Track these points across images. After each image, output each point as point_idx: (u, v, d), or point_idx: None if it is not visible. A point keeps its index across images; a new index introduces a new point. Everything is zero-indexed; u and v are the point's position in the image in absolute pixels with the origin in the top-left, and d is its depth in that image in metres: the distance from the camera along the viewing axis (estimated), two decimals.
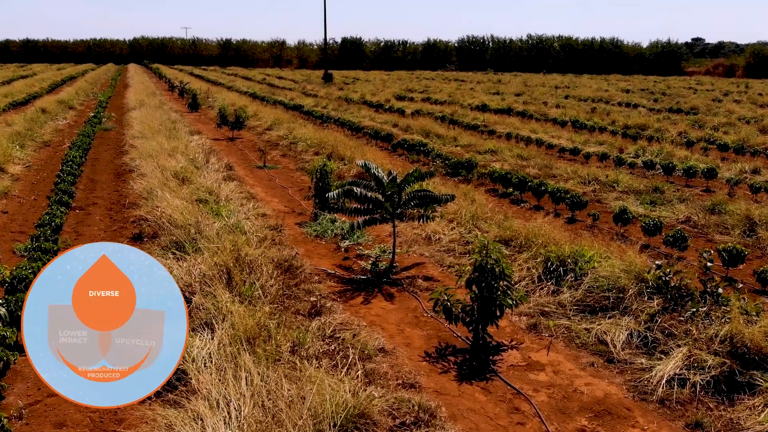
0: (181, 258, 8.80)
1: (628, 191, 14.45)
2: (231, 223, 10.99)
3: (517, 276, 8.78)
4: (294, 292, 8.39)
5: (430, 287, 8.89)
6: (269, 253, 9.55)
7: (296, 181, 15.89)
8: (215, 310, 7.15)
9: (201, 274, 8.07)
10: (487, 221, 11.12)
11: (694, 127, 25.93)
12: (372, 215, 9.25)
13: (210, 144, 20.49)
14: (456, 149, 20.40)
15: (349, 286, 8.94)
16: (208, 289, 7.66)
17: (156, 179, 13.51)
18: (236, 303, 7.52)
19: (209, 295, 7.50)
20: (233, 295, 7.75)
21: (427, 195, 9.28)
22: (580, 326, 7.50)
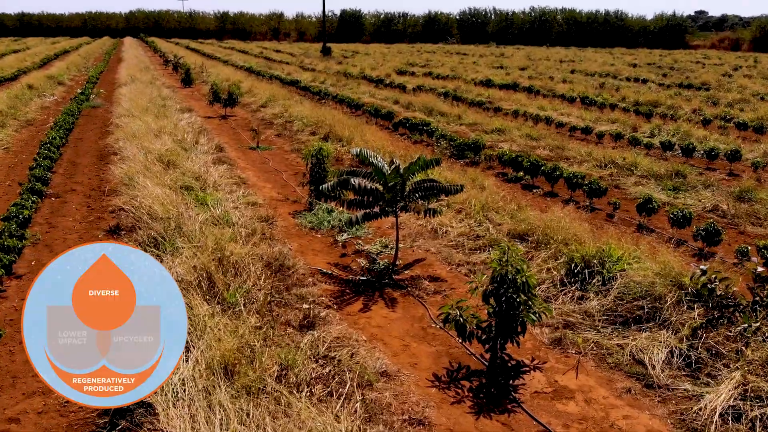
0: (157, 258, 7.80)
1: (648, 175, 13.43)
2: (217, 214, 10.00)
3: (536, 278, 7.80)
4: (284, 298, 7.43)
5: (437, 290, 7.93)
6: (258, 250, 8.57)
7: (291, 163, 14.86)
8: (191, 326, 6.18)
9: (178, 279, 7.09)
10: (498, 212, 10.12)
11: (708, 104, 24.81)
12: (371, 208, 8.24)
13: (201, 122, 19.41)
14: (461, 128, 19.34)
15: (346, 289, 7.97)
16: (185, 299, 6.66)
17: (138, 164, 12.49)
18: (218, 314, 6.58)
19: (186, 306, 6.51)
20: (214, 304, 6.80)
21: (434, 185, 8.27)
22: (612, 341, 6.54)
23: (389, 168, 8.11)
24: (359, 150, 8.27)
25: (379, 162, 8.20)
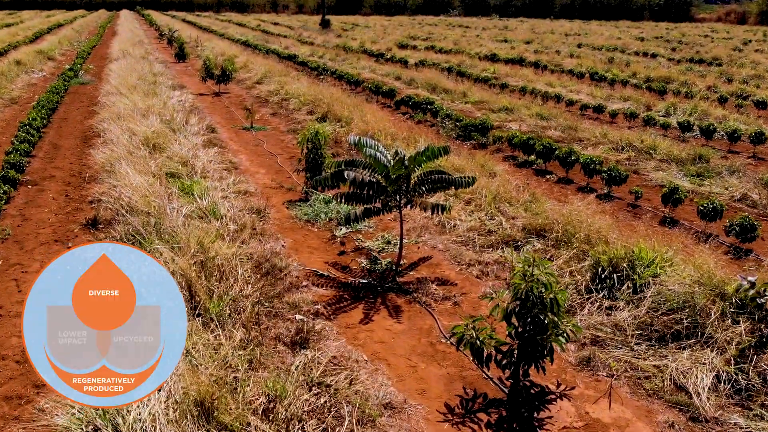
0: None
1: (668, 159, 12.54)
2: (204, 205, 9.15)
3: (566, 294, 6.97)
4: (275, 307, 6.60)
5: (446, 295, 7.10)
6: (247, 249, 7.75)
7: (287, 146, 13.96)
8: None
9: None
10: (512, 203, 9.26)
11: (722, 80, 23.81)
12: (372, 203, 7.38)
13: (193, 100, 18.46)
14: (466, 106, 18.40)
15: (345, 294, 7.14)
16: None
17: (122, 148, 11.60)
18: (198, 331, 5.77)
19: None
20: (193, 319, 5.99)
21: (442, 178, 7.39)
22: (648, 362, 5.73)
23: (392, 158, 7.23)
24: (358, 138, 7.39)
25: (381, 152, 7.33)
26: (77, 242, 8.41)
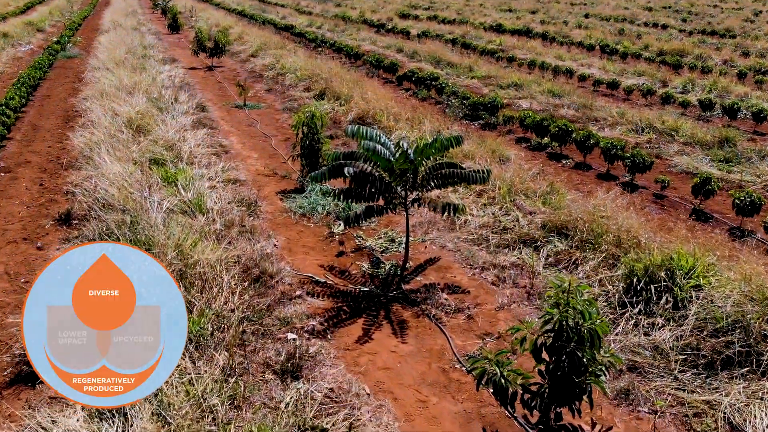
0: None
1: (692, 142, 11.64)
2: (188, 198, 8.29)
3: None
4: (264, 324, 5.78)
5: (458, 306, 6.28)
6: (234, 251, 6.91)
7: (282, 126, 13.04)
8: None
9: None
10: (528, 195, 8.40)
11: (738, 53, 22.76)
12: (375, 201, 6.52)
13: (183, 75, 17.47)
14: (472, 81, 17.43)
15: (344, 305, 6.32)
16: None
17: (102, 131, 10.71)
18: None
19: None
20: None
21: (453, 173, 6.52)
22: (696, 395, 4.92)
23: (396, 151, 6.36)
24: (357, 128, 6.51)
25: (383, 143, 6.46)
26: (47, 241, 7.57)
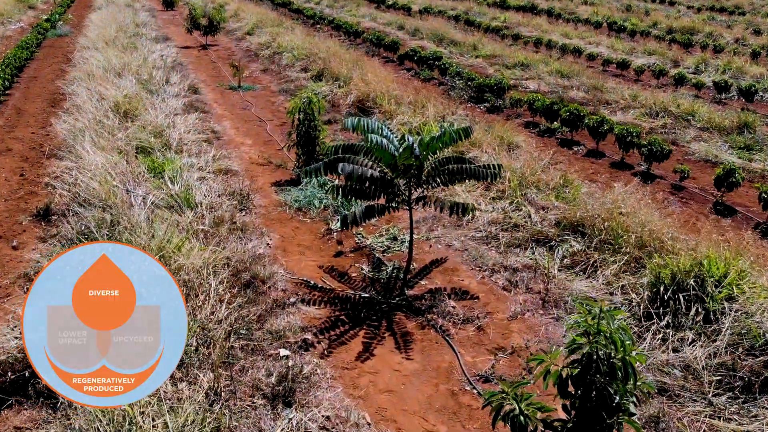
0: None
1: (709, 128, 11.05)
2: (176, 191, 7.74)
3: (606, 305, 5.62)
4: (254, 337, 5.27)
5: (467, 315, 5.75)
6: (224, 252, 6.37)
7: (278, 109, 12.43)
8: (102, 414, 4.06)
9: None
10: (540, 188, 7.84)
11: (749, 31, 22.06)
12: (376, 199, 5.96)
13: (176, 54, 16.81)
14: (477, 61, 16.77)
15: (342, 314, 5.79)
16: None
17: (88, 116, 10.12)
18: None
19: None
20: None
21: (462, 168, 5.94)
22: (734, 425, 4.41)
23: (400, 145, 5.80)
24: (357, 120, 5.93)
25: (386, 135, 5.89)
26: (23, 240, 7.04)
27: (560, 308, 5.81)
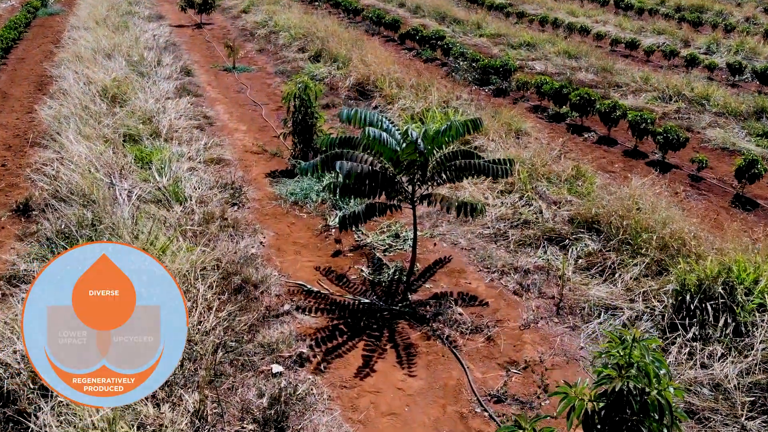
0: None
1: (725, 113, 10.56)
2: (164, 184, 7.29)
3: (626, 313, 5.20)
4: (244, 351, 4.85)
5: (476, 323, 5.33)
6: (213, 253, 5.93)
7: (274, 92, 11.92)
8: None
9: None
10: (551, 180, 7.38)
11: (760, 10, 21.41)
12: (377, 196, 5.51)
13: (170, 34, 16.24)
14: (481, 40, 16.21)
15: (340, 323, 5.37)
16: None
17: (73, 101, 9.63)
18: None
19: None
20: None
21: (470, 164, 5.49)
22: None
23: (403, 140, 5.34)
24: (353, 112, 5.47)
25: (387, 128, 5.44)
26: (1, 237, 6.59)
27: (576, 315, 5.39)
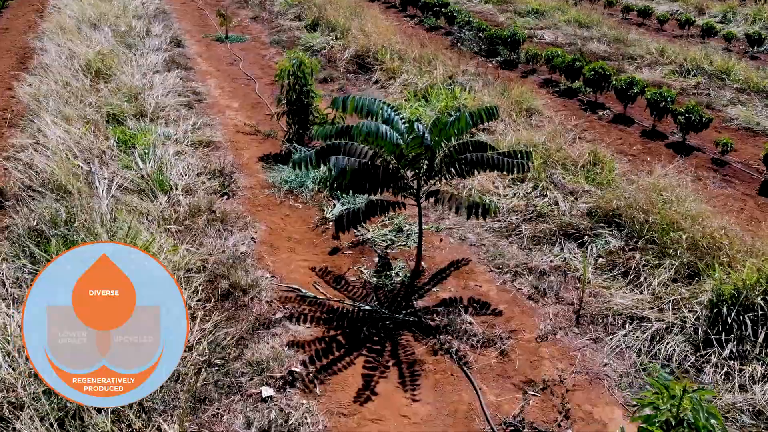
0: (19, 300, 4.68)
1: (747, 88, 9.95)
2: (148, 171, 6.75)
3: (655, 325, 4.69)
4: (232, 369, 4.35)
5: (488, 335, 4.83)
6: (199, 252, 5.42)
7: (268, 65, 11.28)
8: None
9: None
10: (567, 166, 6.83)
11: None
12: (378, 193, 4.96)
13: (159, 1, 15.49)
14: (486, 7, 15.51)
15: (338, 333, 4.87)
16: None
17: (55, 77, 9.03)
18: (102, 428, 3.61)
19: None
20: None
21: (483, 158, 4.93)
22: None
23: (408, 133, 4.78)
24: (350, 98, 4.90)
25: (389, 116, 4.88)
26: None
27: (598, 325, 4.89)
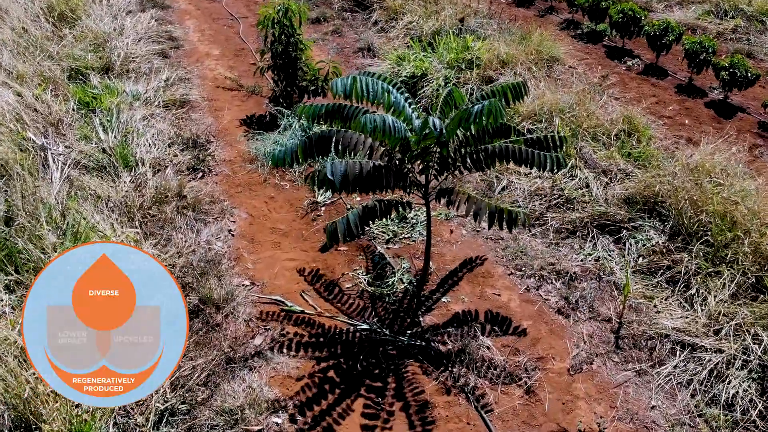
0: None
1: None
2: (111, 143, 5.79)
3: (713, 358, 3.86)
4: (197, 425, 3.55)
5: (511, 364, 4.01)
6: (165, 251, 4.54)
7: (255, 0, 10.10)
8: None
9: None
10: (597, 137, 5.86)
11: None
12: (381, 191, 4.04)
13: None
14: None
15: (330, 364, 4.03)
16: None
17: (12, 23, 7.93)
18: None
19: None
20: None
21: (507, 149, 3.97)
22: None
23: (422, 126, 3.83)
24: (351, 80, 3.91)
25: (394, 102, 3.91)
26: None
27: (642, 351, 4.07)
